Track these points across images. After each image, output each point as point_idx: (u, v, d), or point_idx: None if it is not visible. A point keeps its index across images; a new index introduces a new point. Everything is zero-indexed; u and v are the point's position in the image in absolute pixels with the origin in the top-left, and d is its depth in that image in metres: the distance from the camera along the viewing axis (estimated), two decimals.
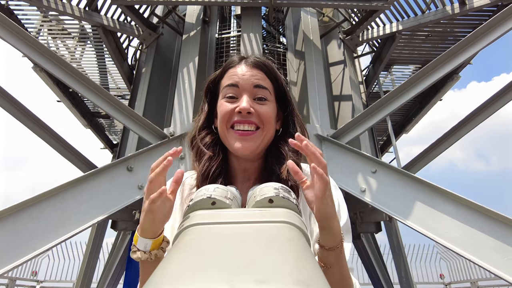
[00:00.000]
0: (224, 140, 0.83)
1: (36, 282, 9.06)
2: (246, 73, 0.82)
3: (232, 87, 0.81)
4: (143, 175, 2.55)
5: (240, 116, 0.78)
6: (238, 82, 0.81)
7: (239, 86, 0.80)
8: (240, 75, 0.81)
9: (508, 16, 2.62)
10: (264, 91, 0.81)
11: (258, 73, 0.83)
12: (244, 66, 0.83)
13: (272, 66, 0.86)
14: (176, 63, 4.26)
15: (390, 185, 2.52)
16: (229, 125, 0.80)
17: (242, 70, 0.82)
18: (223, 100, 0.82)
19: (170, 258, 0.41)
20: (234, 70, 0.83)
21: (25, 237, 2.08)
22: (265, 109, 0.80)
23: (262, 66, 0.84)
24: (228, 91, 0.81)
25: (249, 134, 0.78)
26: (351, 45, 4.61)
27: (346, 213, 0.83)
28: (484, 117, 3.53)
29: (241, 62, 0.85)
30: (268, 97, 0.82)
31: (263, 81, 0.82)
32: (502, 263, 2.04)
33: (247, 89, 0.80)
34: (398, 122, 6.64)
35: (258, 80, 0.81)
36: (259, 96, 0.81)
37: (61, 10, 3.79)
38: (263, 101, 0.81)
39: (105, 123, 7.08)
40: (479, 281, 8.50)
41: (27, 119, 3.54)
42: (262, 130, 0.80)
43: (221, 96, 0.83)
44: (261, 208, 0.56)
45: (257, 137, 0.79)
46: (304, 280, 0.34)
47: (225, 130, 0.81)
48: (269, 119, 0.81)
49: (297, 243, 0.45)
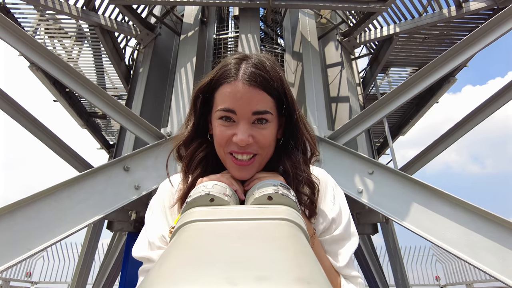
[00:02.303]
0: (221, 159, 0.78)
1: (31, 283, 8.99)
2: (244, 95, 0.70)
3: (228, 112, 0.72)
4: (140, 175, 2.54)
5: (237, 147, 0.72)
6: (235, 108, 0.71)
7: (237, 113, 0.71)
8: (238, 97, 0.70)
9: (504, 19, 2.64)
10: (264, 115, 0.72)
11: (258, 94, 0.71)
12: (241, 84, 0.71)
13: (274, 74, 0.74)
14: (173, 64, 4.25)
15: (387, 186, 2.53)
16: (226, 151, 0.74)
17: (239, 92, 0.70)
18: (219, 123, 0.74)
19: (167, 255, 0.40)
20: (230, 89, 0.71)
21: (20, 236, 2.06)
22: (265, 134, 0.73)
23: (262, 82, 0.71)
24: (224, 114, 0.72)
25: (247, 164, 0.73)
26: (349, 47, 4.63)
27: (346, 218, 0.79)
28: (479, 120, 3.55)
29: (238, 76, 0.71)
30: (269, 118, 0.73)
31: (263, 103, 0.72)
32: (497, 264, 2.05)
33: (245, 115, 0.71)
34: (395, 124, 6.66)
35: (257, 104, 0.71)
36: (259, 118, 0.72)
37: (58, 9, 3.77)
38: (263, 125, 0.72)
39: (102, 123, 7.04)
40: (474, 283, 8.55)
41: (23, 118, 3.51)
42: (260, 155, 0.75)
43: (216, 116, 0.74)
44: (260, 205, 0.56)
45: (255, 165, 0.75)
46: (304, 277, 0.34)
47: (222, 154, 0.76)
48: (268, 144, 0.75)
49: (297, 240, 0.45)
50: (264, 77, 0.72)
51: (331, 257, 0.76)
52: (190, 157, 0.80)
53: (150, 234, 0.79)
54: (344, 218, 0.80)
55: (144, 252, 0.77)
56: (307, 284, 0.33)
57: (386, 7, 3.53)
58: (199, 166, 0.79)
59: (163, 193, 0.86)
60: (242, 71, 0.72)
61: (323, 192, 0.83)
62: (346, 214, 0.81)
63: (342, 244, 0.77)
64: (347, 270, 0.75)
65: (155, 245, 0.76)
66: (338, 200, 0.82)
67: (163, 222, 0.81)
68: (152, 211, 0.84)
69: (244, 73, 0.72)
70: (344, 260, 0.75)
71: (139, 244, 0.80)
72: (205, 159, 0.80)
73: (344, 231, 0.78)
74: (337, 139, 2.82)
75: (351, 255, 0.76)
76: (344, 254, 0.76)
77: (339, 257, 0.76)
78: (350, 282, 0.75)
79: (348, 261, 0.75)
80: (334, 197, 0.82)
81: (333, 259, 0.76)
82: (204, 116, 0.81)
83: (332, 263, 0.75)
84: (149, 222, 0.82)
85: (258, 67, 0.73)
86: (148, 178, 2.55)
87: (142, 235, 0.81)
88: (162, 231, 0.78)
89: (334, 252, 0.76)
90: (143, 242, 0.80)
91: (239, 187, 0.68)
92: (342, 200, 0.84)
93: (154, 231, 0.79)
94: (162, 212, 0.83)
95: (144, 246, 0.79)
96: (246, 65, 0.73)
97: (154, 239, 0.77)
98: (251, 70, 0.72)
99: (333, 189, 0.84)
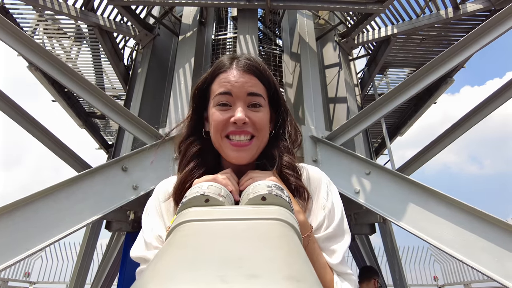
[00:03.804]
0: (218, 148, 0.81)
1: (29, 283, 8.97)
2: (238, 79, 0.78)
3: (224, 95, 0.78)
4: (138, 175, 2.55)
5: (235, 127, 0.76)
6: (231, 90, 0.77)
7: (232, 94, 0.77)
8: (233, 81, 0.78)
9: (500, 20, 2.66)
10: (258, 98, 0.79)
11: (251, 79, 0.79)
12: (236, 71, 0.79)
13: (264, 67, 0.83)
14: (172, 64, 4.26)
15: (384, 187, 2.55)
16: (223, 135, 0.78)
17: (234, 76, 0.78)
18: (216, 109, 0.79)
19: (162, 255, 0.41)
20: (226, 75, 0.79)
21: (18, 236, 2.06)
22: (260, 116, 0.78)
23: (255, 70, 0.80)
24: (221, 99, 0.78)
25: (245, 145, 0.77)
26: (347, 47, 4.64)
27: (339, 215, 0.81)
28: (477, 120, 3.57)
29: (232, 66, 0.80)
30: (262, 103, 0.80)
31: (256, 87, 0.79)
32: (492, 263, 2.07)
33: (240, 97, 0.77)
34: (392, 125, 6.68)
35: (251, 87, 0.78)
36: (253, 102, 0.78)
37: (57, 9, 3.77)
38: (257, 108, 0.79)
39: (101, 123, 7.04)
40: (472, 283, 8.57)
41: (22, 118, 3.52)
42: (257, 138, 0.79)
43: (213, 103, 0.80)
44: (254, 206, 0.57)
45: (253, 147, 0.78)
46: (294, 275, 0.35)
47: (219, 139, 0.78)
48: (263, 126, 0.80)
49: (289, 239, 0.46)
50: (256, 67, 0.81)
51: (324, 254, 0.76)
52: (185, 152, 0.84)
53: (147, 235, 0.80)
54: (337, 215, 0.80)
55: (141, 252, 0.78)
56: (296, 282, 0.34)
57: (384, 8, 3.54)
58: (192, 160, 0.82)
59: (159, 193, 0.87)
60: (235, 62, 0.81)
61: (317, 188, 0.83)
62: (339, 211, 0.81)
63: (336, 241, 0.77)
64: (341, 267, 0.75)
65: (152, 245, 0.77)
66: (331, 197, 0.83)
67: (159, 222, 0.82)
68: (148, 212, 0.86)
69: (238, 63, 0.81)
70: (338, 257, 0.75)
71: (136, 245, 0.81)
72: (199, 154, 0.83)
73: (338, 228, 0.79)
74: (335, 140, 2.83)
75: (344, 252, 0.77)
76: (338, 251, 0.76)
77: (333, 254, 0.76)
78: (343, 279, 0.75)
79: (342, 258, 0.76)
80: (327, 194, 0.83)
81: (327, 256, 0.76)
82: (201, 113, 0.86)
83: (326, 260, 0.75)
84: (146, 223, 0.83)
85: (251, 60, 0.82)
86: (146, 178, 2.56)
87: (139, 236, 0.83)
88: (159, 231, 0.79)
89: (328, 249, 0.77)
90: (140, 242, 0.81)
91: (234, 188, 0.69)
92: (336, 197, 0.84)
93: (151, 231, 0.80)
94: (158, 212, 0.84)
95: (141, 246, 0.80)
96: (239, 58, 0.83)
97: (151, 239, 0.78)
98: (244, 61, 0.81)
99: (326, 186, 0.84)
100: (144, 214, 0.87)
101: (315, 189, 0.83)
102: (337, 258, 0.75)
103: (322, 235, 0.77)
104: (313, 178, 0.85)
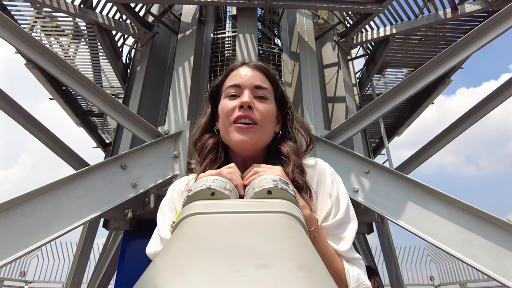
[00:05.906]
0: (225, 137, 0.84)
1: (25, 283, 8.92)
2: (247, 73, 0.86)
3: (234, 87, 0.85)
4: (137, 173, 2.54)
5: (241, 111, 0.81)
6: (240, 82, 0.85)
7: (241, 86, 0.84)
8: (242, 75, 0.86)
9: (498, 21, 2.68)
10: (264, 91, 0.85)
11: (259, 75, 0.87)
12: (246, 67, 0.89)
13: (272, 70, 0.92)
14: (171, 62, 4.25)
15: (382, 186, 2.56)
16: (231, 120, 0.82)
17: (244, 71, 0.87)
18: (226, 99, 0.85)
19: (171, 245, 0.41)
20: (236, 71, 0.88)
21: (16, 234, 2.05)
22: (265, 106, 0.83)
23: (263, 69, 0.89)
24: (231, 91, 0.85)
25: (249, 127, 0.80)
26: (345, 47, 4.66)
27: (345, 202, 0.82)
28: (474, 121, 3.59)
29: (243, 65, 0.90)
30: (268, 96, 0.86)
31: (263, 82, 0.87)
32: (490, 262, 2.09)
33: (248, 87, 0.84)
34: (390, 125, 6.70)
35: (259, 81, 0.86)
36: (260, 95, 0.85)
37: (55, 6, 3.76)
38: (263, 100, 0.85)
39: (98, 122, 7.01)
40: (468, 282, 8.62)
41: (20, 116, 3.50)
42: (260, 127, 0.81)
43: (224, 96, 0.87)
44: (260, 199, 0.57)
45: (256, 131, 0.81)
46: (305, 265, 0.35)
47: (227, 125, 0.82)
48: (267, 116, 0.83)
49: (296, 231, 0.46)
50: (265, 67, 0.91)
51: (334, 241, 0.77)
52: (202, 146, 0.89)
53: (162, 231, 0.82)
54: (343, 202, 0.82)
55: (157, 248, 0.81)
56: (308, 271, 0.34)
57: (382, 8, 3.56)
58: (209, 153, 0.86)
59: (173, 192, 0.90)
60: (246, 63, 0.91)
61: (322, 178, 0.85)
62: (345, 198, 0.83)
63: (344, 228, 0.79)
64: (350, 253, 0.76)
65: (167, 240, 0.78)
66: (336, 186, 0.84)
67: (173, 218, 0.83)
68: (163, 210, 0.88)
69: (248, 64, 0.91)
70: (347, 244, 0.76)
71: (152, 242, 0.84)
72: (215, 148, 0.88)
73: (345, 214, 0.80)
74: (334, 139, 2.84)
75: (352, 239, 0.78)
76: (347, 237, 0.77)
77: (342, 241, 0.77)
78: (353, 264, 0.76)
79: (350, 245, 0.77)
80: (332, 183, 0.84)
81: (336, 244, 0.76)
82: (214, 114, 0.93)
83: (335, 248, 0.76)
84: (160, 220, 0.86)
85: (260, 63, 0.92)
86: (145, 176, 2.55)
87: (154, 234, 0.85)
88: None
89: (337, 237, 0.78)
90: (156, 239, 0.84)
91: (239, 182, 0.69)
92: (341, 185, 0.86)
93: (166, 227, 0.82)
94: (172, 209, 0.87)
95: (157, 242, 0.82)
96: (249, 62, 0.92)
97: (167, 235, 0.79)
98: (254, 63, 0.91)
99: (331, 175, 0.86)
100: (159, 213, 0.89)
101: (320, 179, 0.85)
102: (346, 245, 0.76)
103: (331, 222, 0.78)
104: (318, 168, 0.87)
